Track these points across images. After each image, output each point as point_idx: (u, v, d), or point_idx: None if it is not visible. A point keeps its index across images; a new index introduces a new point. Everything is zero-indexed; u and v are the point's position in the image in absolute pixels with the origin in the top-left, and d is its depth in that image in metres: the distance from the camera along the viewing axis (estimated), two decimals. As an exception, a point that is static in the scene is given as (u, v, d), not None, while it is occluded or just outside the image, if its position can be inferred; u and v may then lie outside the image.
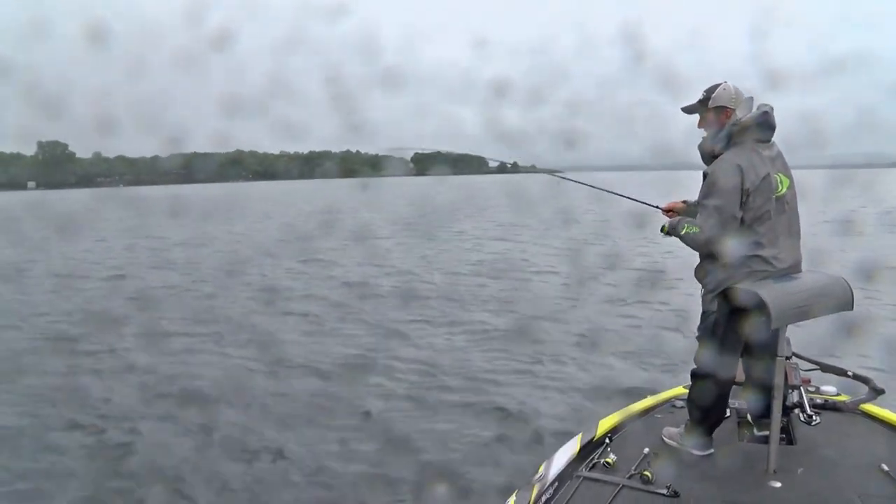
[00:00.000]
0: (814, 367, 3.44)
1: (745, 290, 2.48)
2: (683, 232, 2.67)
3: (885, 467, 2.43)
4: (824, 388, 3.26)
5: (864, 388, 3.13)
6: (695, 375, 2.75)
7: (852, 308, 2.55)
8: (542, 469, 2.67)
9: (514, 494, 2.54)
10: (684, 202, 3.01)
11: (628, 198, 3.60)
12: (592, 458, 2.63)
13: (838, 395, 3.22)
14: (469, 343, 7.09)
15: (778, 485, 2.39)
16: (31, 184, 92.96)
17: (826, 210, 18.56)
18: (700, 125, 2.78)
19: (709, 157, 2.71)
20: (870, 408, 3.05)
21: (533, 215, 22.57)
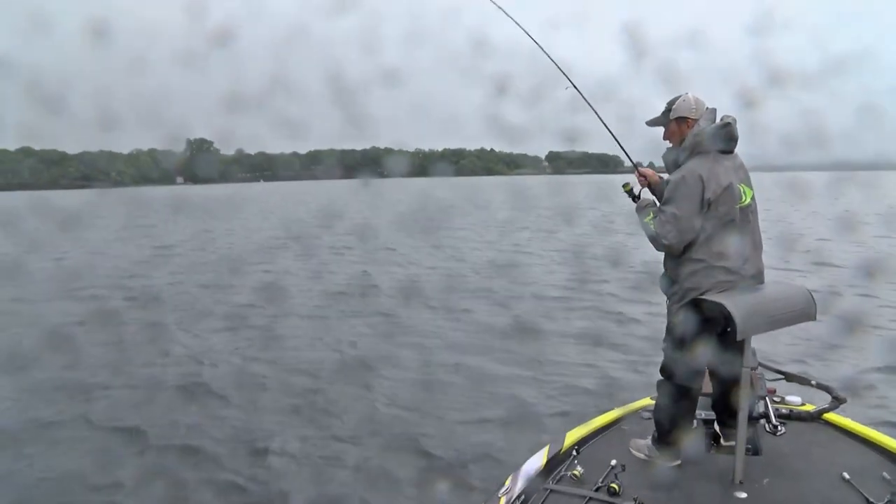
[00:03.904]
0: (778, 376, 3.47)
1: (710, 300, 2.48)
2: (646, 220, 2.67)
3: (847, 476, 2.45)
4: (789, 397, 3.28)
5: (827, 398, 3.17)
6: (661, 386, 2.74)
7: (815, 318, 2.57)
8: (508, 482, 2.62)
9: None
10: (660, 177, 2.95)
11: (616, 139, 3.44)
12: (559, 471, 2.59)
13: (802, 404, 3.24)
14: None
15: (744, 495, 2.39)
16: (178, 179, 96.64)
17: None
18: (665, 137, 2.79)
19: (672, 166, 2.72)
20: (832, 417, 3.08)
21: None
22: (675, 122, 2.72)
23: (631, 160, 3.10)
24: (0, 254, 16.01)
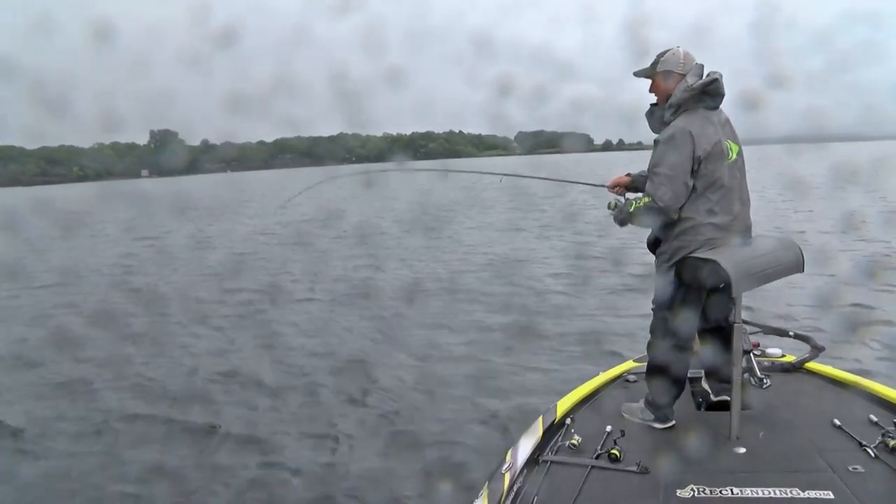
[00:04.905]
0: (757, 329, 3.53)
1: (702, 258, 2.46)
2: (633, 208, 2.59)
3: (837, 422, 2.50)
4: (770, 350, 3.33)
5: (806, 348, 3.24)
6: (652, 347, 2.72)
7: (803, 270, 2.59)
8: (509, 457, 2.57)
9: (486, 487, 2.43)
10: (628, 175, 2.93)
11: (572, 181, 3.53)
12: (556, 441, 2.56)
13: (783, 356, 3.30)
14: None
15: (743, 450, 2.40)
16: (144, 172, 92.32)
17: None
18: (650, 90, 2.72)
19: (658, 123, 2.66)
20: (813, 365, 3.15)
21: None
22: (661, 75, 2.64)
23: (600, 185, 3.06)
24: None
